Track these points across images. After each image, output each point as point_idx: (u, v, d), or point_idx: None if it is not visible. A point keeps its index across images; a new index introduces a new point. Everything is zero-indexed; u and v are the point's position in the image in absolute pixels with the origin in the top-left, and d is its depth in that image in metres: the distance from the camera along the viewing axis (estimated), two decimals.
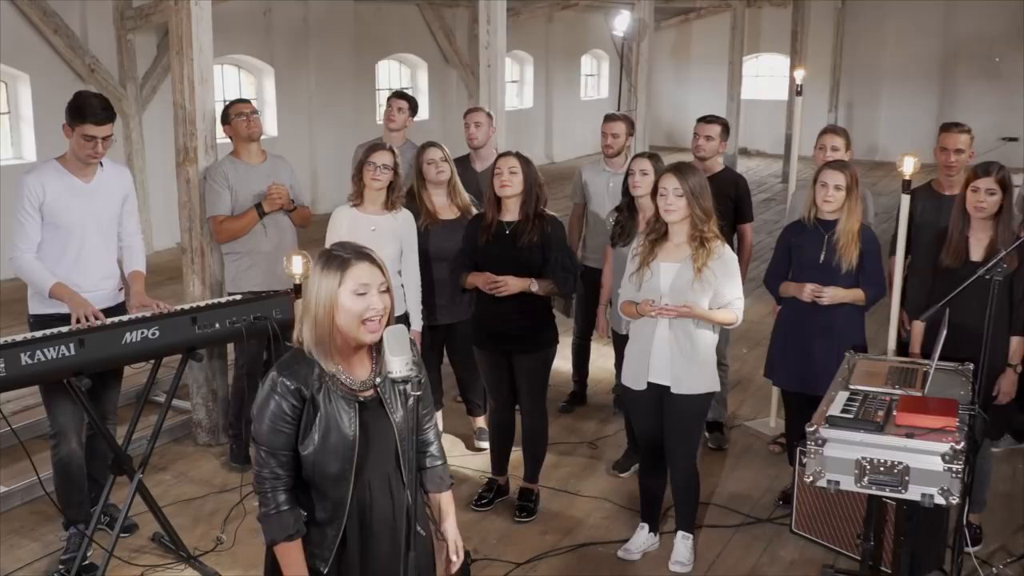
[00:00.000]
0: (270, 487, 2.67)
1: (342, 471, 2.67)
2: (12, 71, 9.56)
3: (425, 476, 2.99)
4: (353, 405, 2.69)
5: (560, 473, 5.60)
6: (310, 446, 2.65)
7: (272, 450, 2.65)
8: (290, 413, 2.64)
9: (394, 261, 5.09)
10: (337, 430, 2.66)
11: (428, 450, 2.99)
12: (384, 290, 2.68)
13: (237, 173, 5.39)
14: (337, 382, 2.69)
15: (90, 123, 4.27)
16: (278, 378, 2.65)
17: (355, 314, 2.63)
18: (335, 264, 2.65)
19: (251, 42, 12.10)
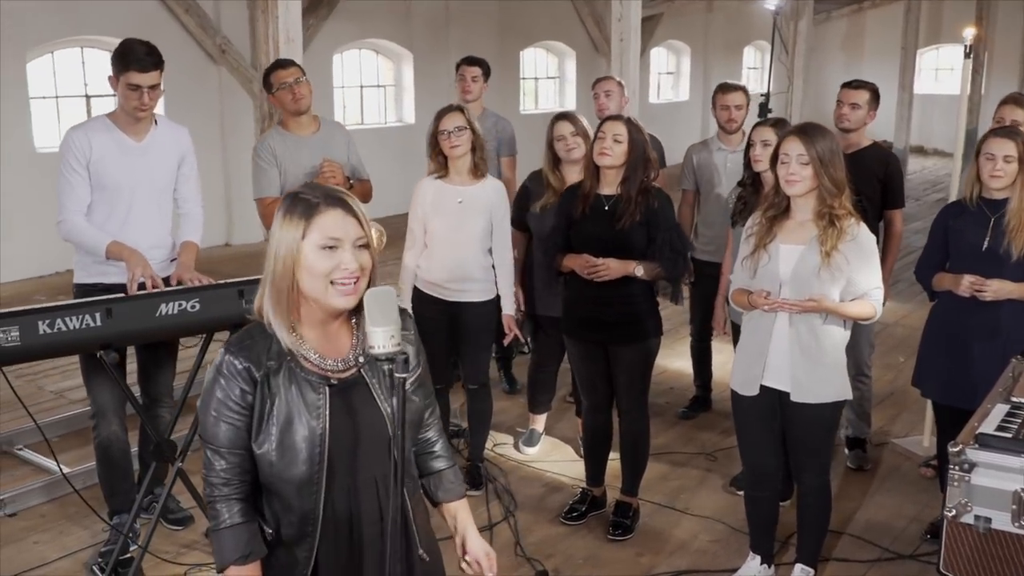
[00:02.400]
0: (220, 495, 2.13)
1: (309, 475, 2.10)
2: None
3: (432, 483, 2.41)
4: (322, 391, 2.12)
5: (669, 487, 4.91)
6: (266, 443, 2.09)
7: (220, 448, 2.11)
8: (239, 401, 2.09)
9: (483, 237, 4.53)
10: (300, 422, 2.09)
11: (433, 450, 2.41)
12: (362, 245, 2.10)
13: (286, 147, 4.79)
14: (302, 361, 2.12)
15: (134, 70, 3.88)
16: (225, 356, 2.11)
17: (322, 273, 2.06)
18: (299, 211, 2.08)
19: (390, 27, 11.83)
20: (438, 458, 2.41)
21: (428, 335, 4.59)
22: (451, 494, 2.41)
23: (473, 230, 4.50)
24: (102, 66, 9.64)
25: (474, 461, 4.88)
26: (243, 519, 2.13)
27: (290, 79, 4.73)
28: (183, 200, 4.24)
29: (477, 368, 4.75)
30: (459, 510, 2.42)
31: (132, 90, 3.92)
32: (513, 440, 5.43)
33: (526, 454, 5.27)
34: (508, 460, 5.21)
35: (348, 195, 2.13)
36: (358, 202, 2.13)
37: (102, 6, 8.90)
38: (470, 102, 5.87)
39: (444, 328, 4.63)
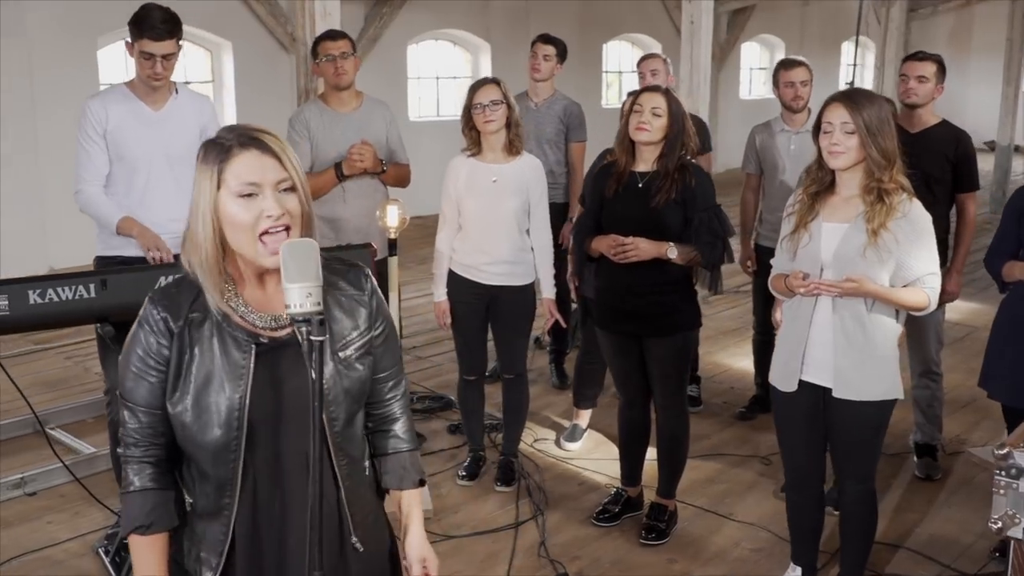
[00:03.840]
0: (132, 457, 1.92)
1: (225, 441, 1.87)
2: (216, 39, 9.53)
3: (383, 464, 2.15)
4: (248, 349, 1.89)
5: (715, 490, 4.58)
6: (180, 402, 1.87)
7: (135, 406, 1.90)
8: (156, 355, 1.87)
9: (519, 217, 4.27)
10: (220, 382, 1.86)
11: (391, 428, 2.15)
12: (287, 187, 1.86)
13: (321, 121, 4.60)
14: (231, 316, 1.90)
15: (147, 38, 3.74)
16: (146, 306, 1.90)
17: (245, 225, 1.83)
18: (212, 156, 1.85)
19: (467, 17, 11.65)
20: (395, 438, 2.15)
21: (463, 320, 4.43)
22: (403, 481, 2.15)
23: (508, 210, 4.25)
24: None
25: (507, 455, 4.63)
26: (153, 485, 1.92)
27: (335, 52, 4.55)
28: None
29: (513, 356, 4.49)
30: (408, 502, 2.16)
31: (146, 59, 3.80)
32: (556, 436, 5.16)
33: (566, 450, 5.00)
34: (546, 456, 4.94)
35: (266, 132, 1.89)
36: (279, 140, 1.89)
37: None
38: (539, 81, 5.65)
39: (480, 313, 4.40)
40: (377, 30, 10.57)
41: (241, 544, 1.94)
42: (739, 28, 15.47)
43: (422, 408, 5.53)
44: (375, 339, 2.05)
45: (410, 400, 2.23)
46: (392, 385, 2.13)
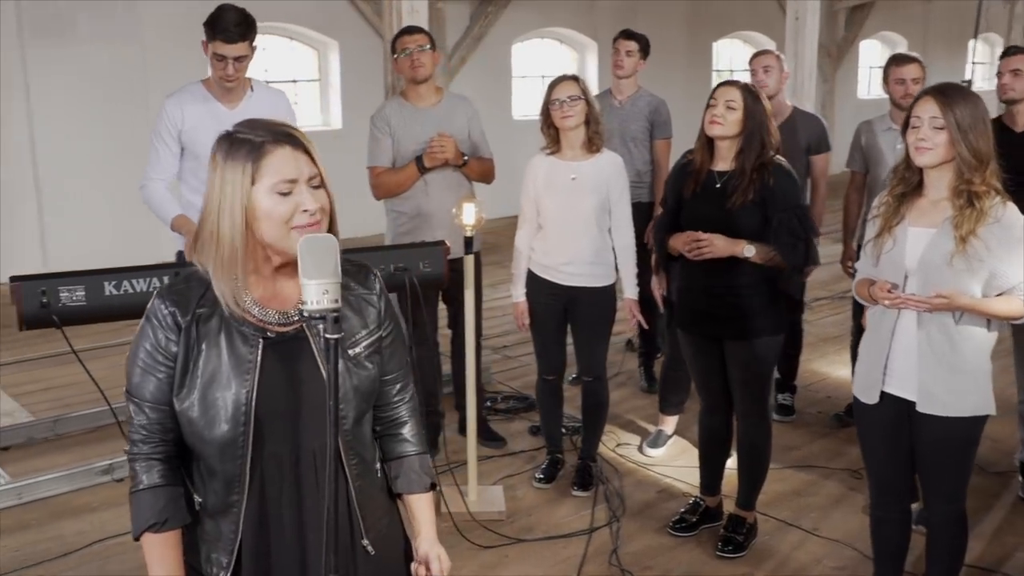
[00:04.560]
0: (140, 454, 1.90)
1: (232, 437, 1.84)
2: (323, 38, 9.68)
3: (393, 469, 2.11)
4: (255, 344, 1.86)
5: (800, 503, 4.40)
6: (187, 398, 1.85)
7: (142, 402, 1.88)
8: (164, 350, 1.86)
9: (599, 215, 4.19)
10: (226, 377, 1.84)
11: (399, 432, 2.11)
12: (318, 185, 1.84)
13: (402, 117, 4.58)
14: (240, 311, 1.87)
15: (220, 40, 3.79)
16: (154, 300, 1.89)
17: (282, 220, 1.81)
18: (243, 152, 1.82)
19: (573, 16, 11.56)
20: (403, 442, 2.11)
21: (541, 321, 4.37)
22: (412, 485, 2.10)
23: (587, 209, 4.16)
24: (281, 52, 9.90)
25: (585, 460, 4.54)
26: (163, 482, 1.90)
27: (412, 46, 4.53)
28: None
29: (592, 359, 4.41)
30: (419, 506, 2.11)
31: (218, 60, 3.85)
32: (640, 441, 5.04)
33: (649, 456, 4.88)
34: (627, 461, 4.84)
35: (294, 128, 1.88)
36: (306, 136, 1.87)
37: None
38: (622, 78, 5.55)
39: (558, 314, 4.33)
40: (482, 29, 10.58)
41: (250, 541, 1.92)
42: (858, 25, 14.96)
43: (505, 408, 5.48)
44: (384, 339, 2.02)
45: (416, 405, 2.17)
46: (400, 388, 2.09)
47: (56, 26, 8.12)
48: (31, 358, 6.04)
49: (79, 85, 8.17)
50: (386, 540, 2.09)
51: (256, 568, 1.93)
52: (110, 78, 8.24)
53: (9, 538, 4.04)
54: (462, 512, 4.12)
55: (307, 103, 10.06)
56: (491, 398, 5.59)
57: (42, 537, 4.05)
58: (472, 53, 10.48)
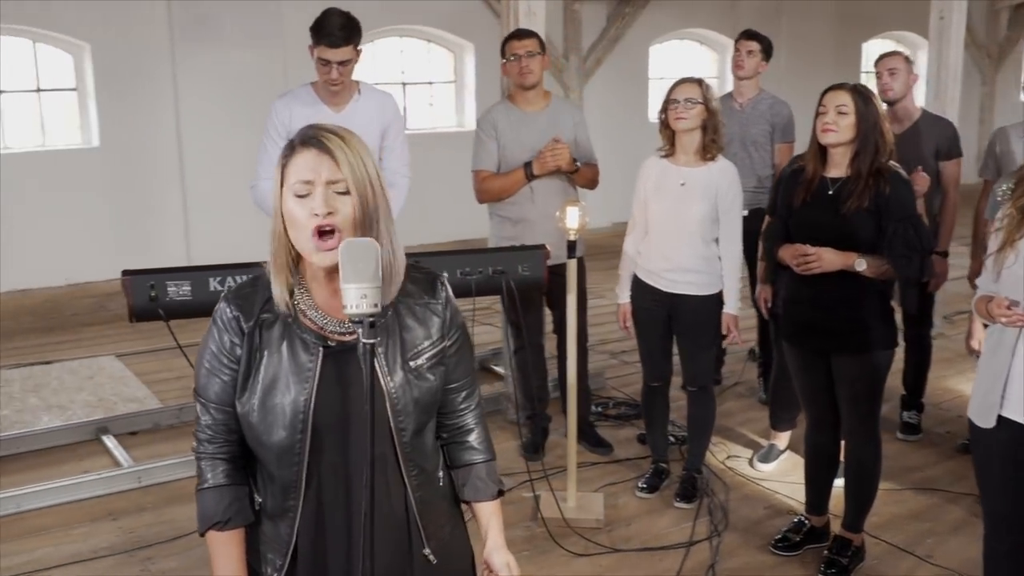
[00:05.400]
0: (205, 453, 1.94)
1: (290, 443, 1.86)
2: (459, 40, 9.78)
3: (459, 476, 2.09)
4: (315, 352, 1.87)
5: (916, 527, 4.18)
6: (249, 402, 1.87)
7: (208, 403, 1.92)
8: (228, 353, 1.89)
9: (705, 224, 4.08)
10: (286, 384, 1.86)
11: (465, 440, 2.09)
12: (343, 191, 1.80)
13: (509, 121, 4.56)
14: (300, 317, 1.89)
15: (324, 44, 3.87)
16: (220, 303, 1.92)
17: (300, 224, 1.80)
18: (282, 155, 1.85)
19: (714, 16, 11.35)
20: (469, 450, 2.09)
21: (645, 326, 4.30)
22: (479, 493, 2.08)
23: (693, 216, 4.06)
24: (418, 54, 10.06)
25: (690, 471, 4.44)
26: (227, 481, 1.93)
27: (521, 51, 4.51)
28: (387, 171, 4.18)
29: (696, 368, 4.30)
30: (486, 513, 2.09)
31: (323, 64, 3.93)
32: (751, 454, 4.90)
33: (759, 471, 4.73)
34: (736, 475, 4.70)
35: (333, 133, 1.84)
36: (347, 142, 1.83)
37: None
38: (742, 79, 5.41)
39: (662, 321, 4.25)
40: (619, 30, 10.49)
41: (305, 546, 1.93)
42: (1022, 25, 14.17)
43: (616, 414, 5.41)
44: (448, 349, 1.99)
45: (483, 412, 2.14)
46: (465, 396, 2.07)
47: (203, 27, 8.48)
48: (164, 348, 6.32)
49: (223, 85, 8.51)
50: (449, 548, 2.07)
51: (309, 571, 1.95)
52: (253, 78, 8.53)
53: (125, 519, 4.23)
54: (557, 518, 4.08)
55: (443, 105, 10.20)
56: (602, 403, 5.53)
57: (156, 520, 4.22)
58: (608, 55, 10.40)
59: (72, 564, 3.86)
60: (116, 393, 5.69)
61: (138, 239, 8.39)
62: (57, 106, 8.50)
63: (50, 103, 8.46)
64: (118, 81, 8.27)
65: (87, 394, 5.68)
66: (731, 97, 5.43)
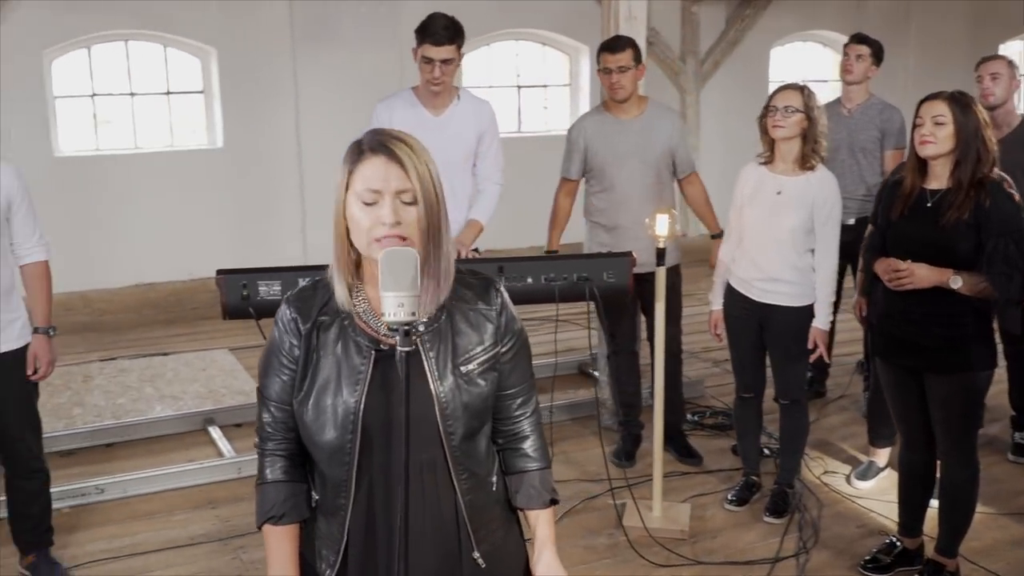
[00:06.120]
0: (265, 450, 2.01)
1: (340, 443, 1.90)
2: (574, 43, 9.78)
3: (513, 483, 2.09)
4: (368, 355, 1.91)
5: (1018, 555, 4.00)
6: (304, 402, 1.93)
7: (268, 400, 1.99)
8: (288, 353, 1.95)
9: (799, 234, 3.99)
10: (338, 385, 1.90)
11: (520, 447, 2.08)
12: (410, 201, 1.84)
13: (600, 128, 4.54)
14: (356, 320, 1.93)
15: (428, 43, 3.93)
16: (282, 306, 1.99)
17: (363, 229, 1.84)
18: (347, 158, 1.90)
19: (838, 18, 11.02)
20: (524, 457, 2.09)
21: (736, 335, 4.24)
22: (530, 501, 2.08)
23: (786, 226, 3.98)
24: (533, 57, 10.10)
25: (781, 485, 4.34)
26: (284, 478, 1.99)
27: (612, 65, 4.44)
28: (480, 177, 4.24)
29: (787, 381, 4.21)
30: (538, 521, 2.09)
31: (426, 63, 3.99)
32: (849, 471, 4.76)
33: (856, 488, 4.59)
34: (831, 491, 4.57)
35: (402, 141, 1.88)
36: (415, 150, 1.87)
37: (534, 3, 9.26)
38: (851, 84, 5.27)
39: (752, 330, 4.18)
40: (738, 33, 10.31)
41: (355, 545, 1.98)
42: None
43: (713, 424, 5.34)
44: (501, 355, 2.00)
45: (539, 420, 2.13)
46: (521, 402, 2.07)
47: (323, 30, 8.71)
48: None
49: (342, 86, 8.70)
50: (501, 553, 2.08)
51: (360, 569, 1.99)
52: (371, 80, 8.68)
53: (223, 508, 4.39)
54: (640, 527, 4.06)
55: (558, 108, 10.22)
56: (699, 413, 5.47)
57: (251, 511, 4.28)
58: (726, 58, 10.24)
59: (168, 549, 4.04)
60: (226, 385, 5.91)
61: (258, 237, 8.67)
62: (185, 108, 8.86)
63: (178, 105, 8.83)
64: (242, 84, 8.57)
65: (199, 385, 5.92)
66: (839, 103, 5.28)
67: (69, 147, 8.46)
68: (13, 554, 3.85)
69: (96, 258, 8.25)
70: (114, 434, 5.13)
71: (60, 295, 7.82)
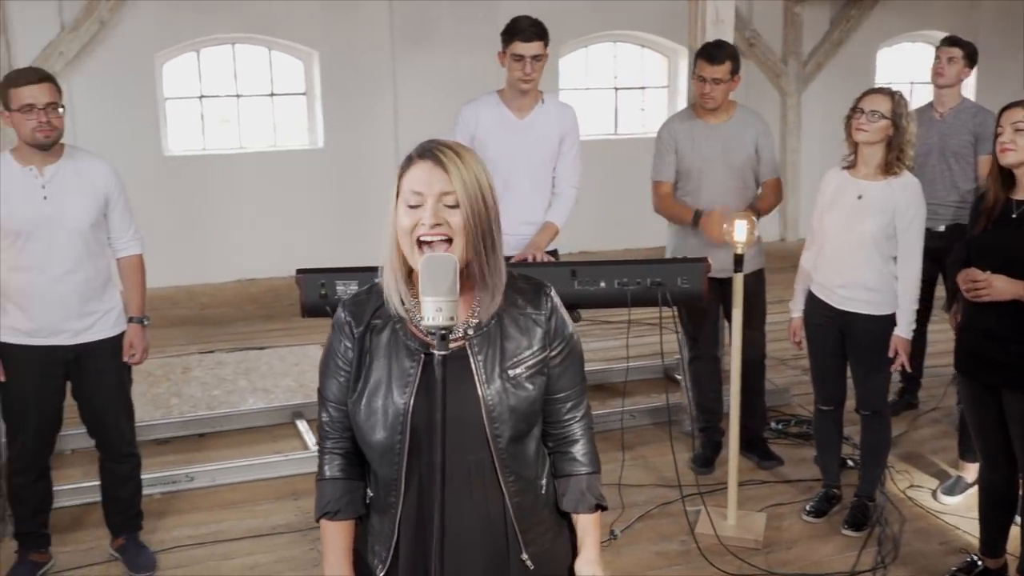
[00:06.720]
0: (324, 448, 2.10)
1: (389, 443, 1.97)
2: (673, 45, 9.70)
3: (561, 486, 2.12)
4: (417, 358, 1.97)
5: None
6: (357, 402, 2.00)
7: (327, 400, 2.07)
8: (343, 356, 2.03)
9: (880, 241, 3.90)
10: (388, 387, 1.97)
11: (570, 450, 2.12)
12: (452, 204, 1.89)
13: (689, 132, 4.52)
14: (408, 325, 1.99)
15: (518, 40, 4.05)
16: (338, 310, 2.07)
17: (405, 231, 1.91)
18: (401, 166, 1.97)
19: (950, 17, 10.67)
20: (572, 461, 2.12)
21: (816, 343, 4.19)
22: (577, 505, 2.11)
23: (866, 232, 3.89)
24: (632, 59, 10.07)
25: (862, 498, 4.26)
26: (341, 475, 2.08)
27: (708, 76, 4.40)
28: (557, 179, 4.28)
29: (869, 391, 4.12)
30: (583, 526, 2.12)
31: (516, 60, 4.08)
32: (936, 485, 4.63)
33: (942, 504, 4.47)
34: (915, 505, 4.46)
35: (448, 148, 1.93)
36: (462, 157, 1.92)
37: (633, 4, 9.23)
38: (943, 87, 5.12)
39: (834, 338, 4.10)
40: (842, 33, 10.09)
41: (406, 542, 2.03)
42: None
43: (797, 432, 5.25)
44: (551, 359, 2.04)
45: (591, 424, 2.16)
46: (571, 406, 2.10)
47: (422, 31, 8.84)
48: None
49: (440, 88, 8.79)
50: (549, 556, 2.11)
51: (411, 567, 2.05)
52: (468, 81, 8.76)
53: (305, 500, 4.51)
54: (712, 535, 4.03)
55: (655, 110, 10.16)
56: (784, 421, 5.39)
57: None
58: (830, 59, 10.03)
59: (249, 538, 4.18)
60: (315, 380, 6.02)
61: (356, 236, 8.83)
62: (288, 109, 9.11)
63: (282, 107, 9.08)
64: (342, 85, 8.77)
65: (290, 379, 6.09)
66: (931, 107, 5.14)
67: (178, 147, 8.79)
68: (105, 536, 4.05)
69: (201, 254, 8.56)
70: (207, 424, 5.32)
71: (166, 289, 8.18)
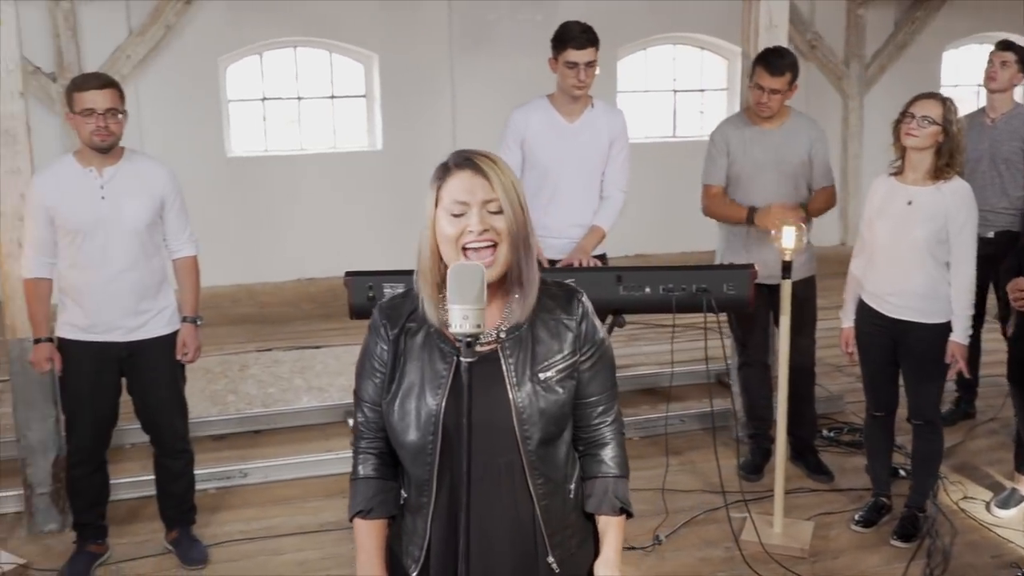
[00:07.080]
0: (359, 447, 2.15)
1: (422, 444, 2.01)
2: (733, 47, 9.62)
3: (588, 487, 2.15)
4: (450, 361, 2.01)
5: None
6: (390, 404, 2.05)
7: (362, 401, 2.12)
8: (378, 358, 2.08)
9: (932, 247, 3.85)
10: (421, 389, 2.02)
11: (599, 453, 2.15)
12: (496, 210, 1.94)
13: (740, 137, 4.48)
14: (442, 328, 2.03)
15: (571, 48, 4.09)
16: (375, 313, 2.12)
17: (451, 240, 1.96)
18: (436, 176, 2.01)
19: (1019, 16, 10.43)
20: (601, 463, 2.15)
21: (868, 352, 4.16)
22: (601, 507, 2.14)
23: (917, 238, 3.84)
24: (691, 62, 10.02)
25: (912, 509, 4.20)
26: (375, 475, 2.12)
27: (766, 86, 4.32)
28: (605, 183, 4.30)
29: (921, 401, 4.07)
30: (606, 528, 2.14)
31: (569, 68, 4.11)
32: (990, 498, 4.55)
33: (996, 516, 4.39)
34: (968, 517, 4.39)
35: (484, 156, 1.99)
36: (498, 165, 1.98)
37: (692, 5, 9.20)
38: (995, 92, 5.04)
39: (885, 347, 4.06)
40: (907, 36, 9.93)
41: (438, 542, 2.07)
42: None
43: (849, 441, 5.19)
44: (581, 364, 2.07)
45: (621, 428, 2.19)
46: (602, 411, 2.13)
47: (480, 35, 8.90)
48: None
49: (498, 91, 8.80)
50: (576, 559, 2.15)
51: (442, 567, 2.08)
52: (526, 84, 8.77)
53: (343, 499, 4.57)
54: (757, 542, 4.01)
55: (714, 113, 10.10)
56: (837, 429, 5.34)
57: None
58: (893, 62, 9.88)
59: (299, 534, 4.26)
60: None
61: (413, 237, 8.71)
62: (348, 111, 9.23)
63: (342, 109, 9.20)
64: (401, 88, 8.86)
65: (344, 379, 6.17)
66: (983, 113, 5.06)
67: (240, 148, 8.96)
68: (160, 529, 4.16)
69: (262, 253, 8.71)
70: (261, 422, 5.43)
71: (227, 287, 8.35)
